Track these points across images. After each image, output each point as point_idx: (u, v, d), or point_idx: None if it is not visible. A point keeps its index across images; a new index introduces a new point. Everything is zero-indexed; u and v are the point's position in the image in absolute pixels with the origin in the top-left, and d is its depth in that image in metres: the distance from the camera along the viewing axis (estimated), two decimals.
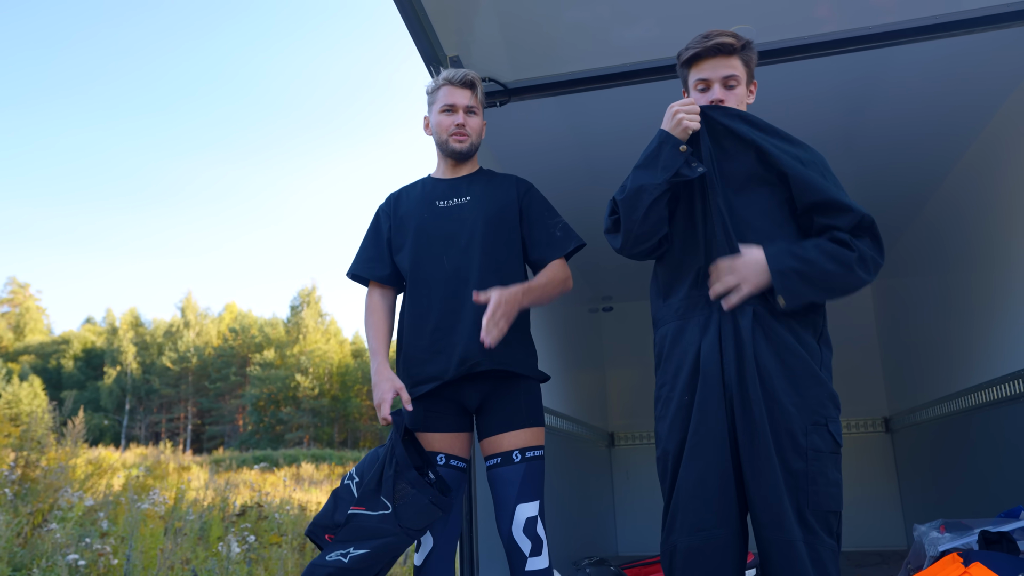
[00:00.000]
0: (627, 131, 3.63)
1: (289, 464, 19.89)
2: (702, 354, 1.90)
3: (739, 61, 2.00)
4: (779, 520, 1.76)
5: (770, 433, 1.80)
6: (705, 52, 1.98)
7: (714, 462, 1.84)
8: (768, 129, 1.99)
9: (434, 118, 2.38)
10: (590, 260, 5.40)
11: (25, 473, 5.48)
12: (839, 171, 3.97)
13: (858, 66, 3.09)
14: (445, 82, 2.35)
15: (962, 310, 4.17)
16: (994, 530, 2.88)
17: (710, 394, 1.87)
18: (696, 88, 2.02)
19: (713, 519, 1.82)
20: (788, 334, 1.88)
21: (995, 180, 3.57)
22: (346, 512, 2.01)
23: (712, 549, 1.82)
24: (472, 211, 2.28)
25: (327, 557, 1.98)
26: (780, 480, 1.78)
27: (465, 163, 2.40)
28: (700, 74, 2.01)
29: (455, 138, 2.33)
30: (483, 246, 2.24)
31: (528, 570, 2.08)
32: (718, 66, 1.99)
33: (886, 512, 5.75)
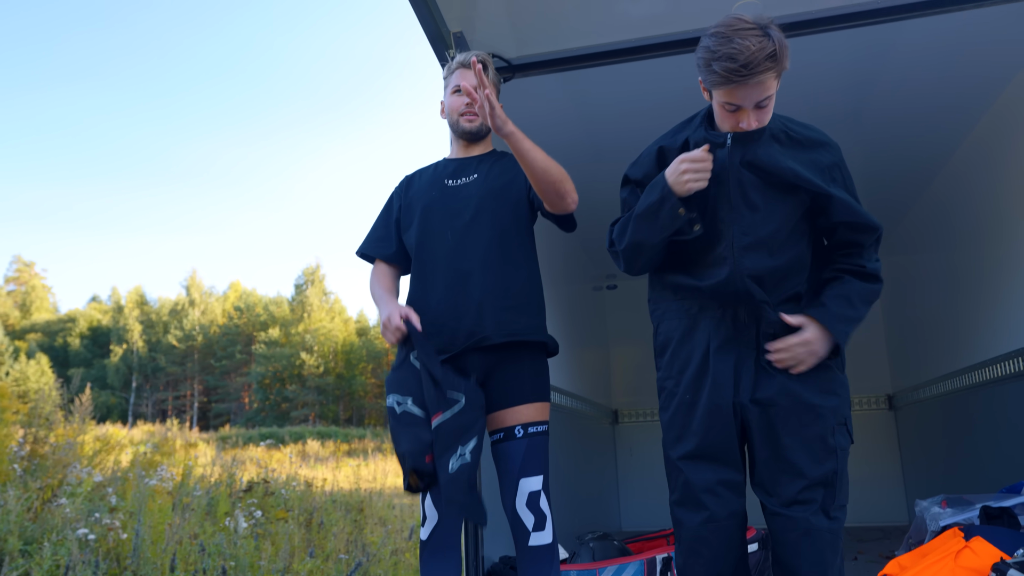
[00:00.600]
0: (632, 107, 3.61)
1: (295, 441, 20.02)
2: (713, 356, 1.91)
3: (774, 79, 1.72)
4: (807, 518, 1.83)
5: (800, 439, 1.85)
6: (741, 84, 1.71)
7: (724, 461, 1.91)
8: (792, 139, 1.89)
9: (447, 100, 2.40)
10: (594, 239, 5.39)
11: (34, 449, 5.53)
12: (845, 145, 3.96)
13: (867, 39, 3.06)
14: (459, 65, 2.37)
15: (967, 287, 4.16)
16: (995, 505, 2.90)
17: (721, 399, 1.89)
18: (725, 108, 1.79)
19: (721, 512, 1.90)
20: None
21: (1004, 156, 3.54)
22: (426, 429, 2.01)
23: (721, 538, 1.90)
24: (478, 187, 2.28)
25: (451, 468, 1.98)
26: (811, 481, 1.84)
27: (477, 144, 2.40)
28: (730, 99, 1.74)
29: (465, 118, 2.34)
30: (487, 219, 2.23)
31: (531, 545, 2.09)
32: (752, 93, 1.71)
33: (888, 488, 5.79)
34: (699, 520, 1.91)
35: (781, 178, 1.84)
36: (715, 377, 1.89)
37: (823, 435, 1.86)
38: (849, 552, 4.16)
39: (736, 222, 1.87)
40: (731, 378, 1.89)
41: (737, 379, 1.89)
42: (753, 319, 1.89)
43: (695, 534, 1.92)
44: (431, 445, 2.00)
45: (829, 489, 1.85)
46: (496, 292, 2.18)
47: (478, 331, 2.15)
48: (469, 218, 2.24)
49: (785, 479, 1.85)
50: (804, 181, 1.84)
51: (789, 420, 1.85)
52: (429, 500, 2.16)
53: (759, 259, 1.87)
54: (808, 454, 1.85)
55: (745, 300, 1.88)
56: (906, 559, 2.70)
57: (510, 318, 2.16)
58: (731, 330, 1.90)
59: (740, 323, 1.90)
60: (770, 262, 1.87)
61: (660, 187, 1.83)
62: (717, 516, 1.89)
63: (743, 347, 1.90)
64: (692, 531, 1.93)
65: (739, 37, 1.66)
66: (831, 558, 1.84)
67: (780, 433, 1.85)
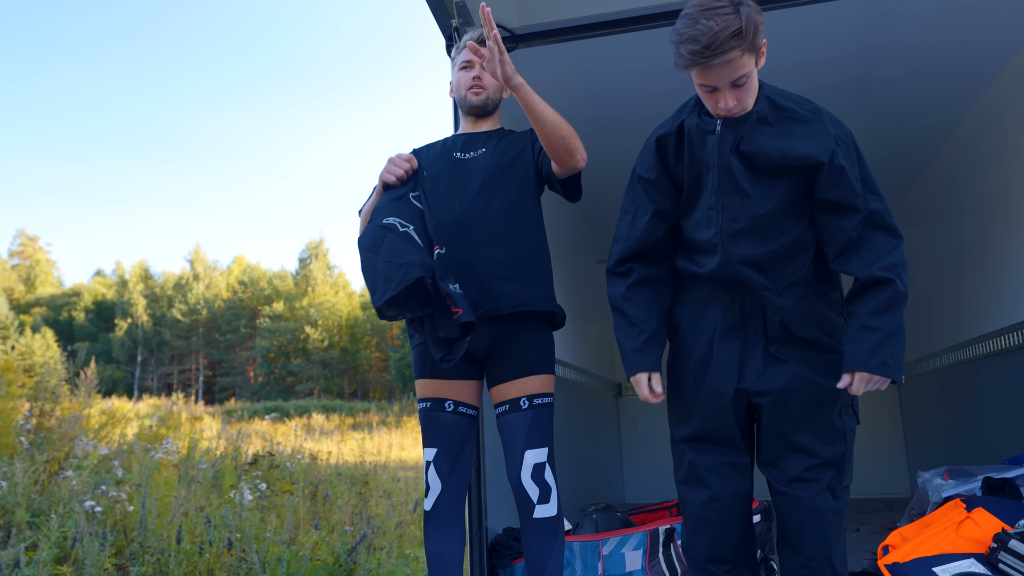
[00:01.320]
0: (637, 78, 3.56)
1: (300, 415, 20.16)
2: (717, 343, 1.91)
3: (746, 56, 1.68)
4: (813, 497, 1.85)
5: (810, 423, 1.86)
6: (708, 66, 1.68)
7: (730, 444, 1.93)
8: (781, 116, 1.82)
9: (455, 77, 2.40)
10: (598, 212, 5.36)
11: (40, 422, 5.57)
12: (851, 113, 3.92)
13: (873, 7, 3.01)
14: (467, 43, 2.36)
15: (971, 259, 4.14)
16: (997, 476, 2.91)
17: (722, 385, 1.90)
18: (702, 89, 1.76)
19: (726, 492, 1.93)
20: (822, 324, 1.89)
21: (1012, 126, 3.50)
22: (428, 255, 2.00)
23: (725, 517, 1.93)
24: (486, 160, 2.27)
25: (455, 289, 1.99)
26: (820, 460, 1.86)
27: (485, 120, 2.39)
28: (704, 80, 1.72)
29: (472, 91, 2.34)
30: (495, 191, 2.22)
31: (536, 517, 2.10)
32: (723, 73, 1.68)
33: (891, 460, 5.82)
34: (702, 499, 1.93)
35: (770, 164, 1.81)
36: (717, 364, 1.90)
37: (831, 417, 1.86)
38: (851, 523, 4.18)
39: (726, 209, 1.84)
40: (735, 365, 1.89)
41: (742, 366, 1.89)
42: (758, 307, 1.88)
43: (698, 513, 1.95)
44: (432, 270, 1.96)
45: (837, 469, 1.86)
46: (503, 263, 2.17)
47: (485, 301, 2.14)
48: (476, 189, 2.22)
49: (793, 458, 1.86)
50: (792, 159, 1.79)
51: (800, 404, 1.85)
52: (433, 470, 2.17)
53: (750, 245, 1.84)
54: (818, 436, 1.86)
55: (743, 287, 1.87)
56: (908, 530, 2.71)
57: (517, 289, 2.16)
58: (738, 318, 1.90)
59: (747, 311, 1.90)
60: (763, 248, 1.84)
61: (627, 370, 2.01)
62: (720, 495, 1.92)
63: (749, 334, 1.89)
64: (695, 509, 1.95)
65: (705, 18, 1.63)
66: (835, 538, 1.86)
67: (790, 416, 1.86)
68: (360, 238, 2.08)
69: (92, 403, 6.37)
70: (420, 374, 2.24)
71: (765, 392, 1.86)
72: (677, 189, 1.97)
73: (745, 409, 1.92)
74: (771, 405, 1.86)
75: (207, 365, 45.97)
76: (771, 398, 1.86)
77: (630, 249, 2.01)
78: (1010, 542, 2.29)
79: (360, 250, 2.05)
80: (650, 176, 1.97)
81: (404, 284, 1.91)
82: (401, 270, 1.92)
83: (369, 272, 2.00)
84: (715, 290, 1.93)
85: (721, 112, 1.78)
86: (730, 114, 1.78)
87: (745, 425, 1.94)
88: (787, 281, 1.88)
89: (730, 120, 1.80)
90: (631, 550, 2.99)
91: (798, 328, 1.87)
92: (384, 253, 1.97)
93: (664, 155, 1.95)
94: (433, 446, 2.18)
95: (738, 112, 1.78)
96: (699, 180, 1.89)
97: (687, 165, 1.91)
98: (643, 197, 1.99)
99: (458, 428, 2.20)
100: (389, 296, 1.91)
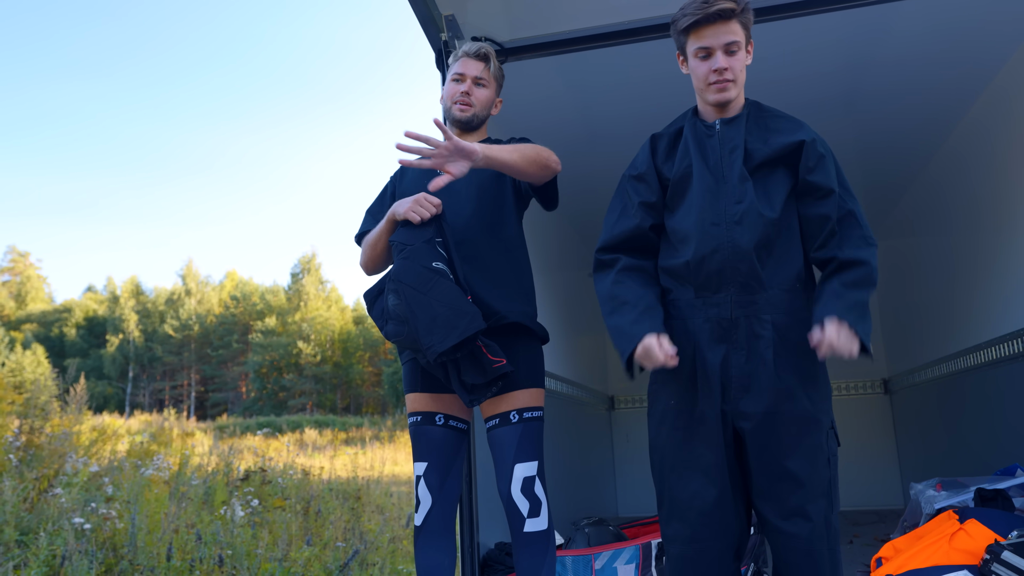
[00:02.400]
0: (626, 90, 3.58)
1: (292, 430, 20.05)
2: (701, 362, 1.86)
3: (739, 25, 1.90)
4: (810, 538, 1.78)
5: (800, 448, 1.80)
6: (705, 19, 1.88)
7: (712, 475, 1.84)
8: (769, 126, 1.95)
9: (446, 86, 2.41)
10: (588, 224, 5.38)
11: (30, 439, 5.52)
12: (840, 129, 3.95)
13: (861, 20, 3.04)
14: (462, 55, 2.38)
15: (962, 270, 4.16)
16: (990, 487, 2.91)
17: (709, 405, 1.84)
18: (697, 56, 1.92)
19: (708, 532, 1.83)
20: (804, 339, 1.84)
21: (998, 138, 3.53)
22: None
23: (707, 560, 1.84)
24: (468, 178, 2.26)
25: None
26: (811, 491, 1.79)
27: (471, 133, 2.39)
28: (701, 42, 1.90)
29: (458, 106, 2.34)
30: (477, 208, 2.24)
31: (526, 531, 2.09)
32: (719, 33, 1.88)
33: (884, 472, 5.81)
34: (684, 537, 1.85)
35: (763, 156, 1.88)
36: (702, 383, 1.85)
37: (820, 442, 1.81)
38: (845, 536, 4.17)
39: (724, 198, 1.88)
40: (718, 381, 1.83)
41: (725, 383, 1.83)
42: (748, 309, 1.84)
43: (680, 553, 1.86)
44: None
45: (827, 500, 1.80)
46: (489, 278, 2.18)
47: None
48: (460, 206, 2.24)
49: (785, 488, 1.79)
50: (780, 148, 1.88)
51: (789, 429, 1.79)
52: (423, 485, 2.16)
53: (750, 235, 1.85)
54: (809, 462, 1.79)
55: (733, 283, 1.85)
56: (901, 542, 2.71)
57: (504, 303, 2.16)
58: (723, 325, 1.85)
59: (734, 315, 1.85)
60: (762, 237, 1.86)
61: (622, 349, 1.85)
62: (702, 536, 1.83)
63: (732, 347, 1.84)
64: (678, 549, 1.86)
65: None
66: (832, 572, 1.81)
67: (778, 442, 1.79)
68: (399, 273, 2.08)
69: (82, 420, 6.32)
70: (410, 388, 2.24)
71: (751, 414, 1.80)
72: (663, 187, 2.00)
73: (733, 436, 1.85)
74: (757, 428, 1.80)
75: (199, 381, 45.71)
76: (757, 420, 1.80)
77: (616, 237, 2.00)
78: (1003, 553, 2.29)
79: (400, 285, 2.06)
80: (639, 172, 2.02)
81: (468, 333, 1.97)
82: (465, 319, 1.99)
83: (420, 311, 2.01)
84: (695, 306, 1.89)
85: (713, 78, 1.90)
86: (721, 81, 1.90)
87: (734, 454, 1.86)
88: (780, 277, 1.87)
89: (726, 120, 1.94)
90: (624, 564, 2.97)
91: (790, 330, 1.84)
92: (440, 296, 2.02)
93: (655, 152, 2.02)
94: (423, 460, 2.18)
95: (728, 83, 1.91)
96: (688, 175, 1.94)
97: (678, 161, 1.96)
98: (631, 192, 2.02)
99: (448, 442, 2.19)
100: (453, 343, 1.96)
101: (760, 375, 1.81)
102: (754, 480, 1.84)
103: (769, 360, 1.81)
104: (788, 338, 1.83)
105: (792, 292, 1.87)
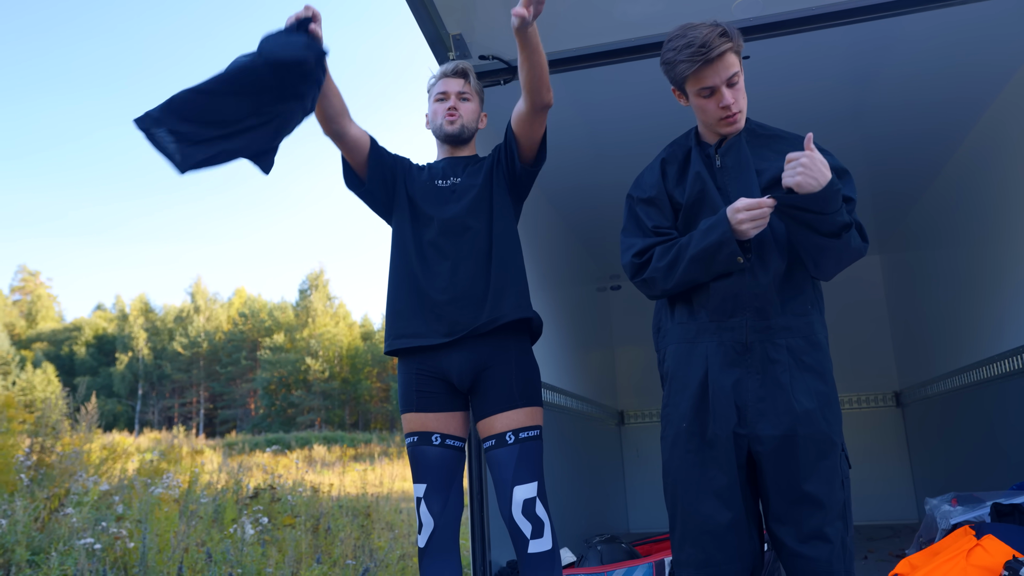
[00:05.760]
0: (633, 107, 3.60)
1: (301, 447, 20.01)
2: (713, 385, 1.85)
3: (734, 56, 1.87)
4: (829, 563, 1.77)
5: (817, 470, 1.79)
6: (706, 64, 1.84)
7: (726, 498, 1.82)
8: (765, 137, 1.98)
9: (430, 108, 2.43)
10: (596, 240, 5.38)
11: (41, 459, 5.54)
12: (848, 143, 3.94)
13: (868, 34, 3.04)
14: (441, 75, 2.40)
15: (973, 282, 4.14)
16: (1006, 502, 2.88)
17: (721, 428, 1.83)
18: (700, 96, 1.90)
19: (722, 556, 1.82)
20: (818, 361, 1.85)
21: (1008, 150, 3.52)
22: None
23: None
24: (463, 185, 2.30)
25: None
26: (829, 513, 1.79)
27: (462, 147, 2.40)
28: (703, 83, 1.87)
29: (447, 119, 2.35)
30: (468, 212, 2.25)
31: (531, 552, 2.07)
32: (718, 70, 1.85)
33: (897, 486, 5.76)
34: (697, 561, 1.83)
35: (774, 177, 1.87)
36: (714, 406, 1.84)
37: (835, 464, 1.81)
38: (859, 551, 4.13)
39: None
40: (731, 404, 1.83)
41: (740, 406, 1.83)
42: (757, 337, 1.84)
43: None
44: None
45: (843, 521, 1.80)
46: (482, 282, 2.19)
47: (468, 321, 2.16)
48: (453, 214, 2.25)
49: (804, 512, 1.77)
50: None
51: (807, 452, 1.78)
52: (424, 507, 2.15)
53: (770, 258, 1.86)
54: (826, 484, 1.79)
55: (746, 307, 1.85)
56: (917, 558, 2.67)
57: (496, 304, 2.17)
58: (732, 354, 1.85)
59: (748, 339, 1.84)
60: (781, 264, 1.87)
61: (720, 231, 1.81)
62: (715, 560, 1.81)
63: (746, 371, 1.83)
64: (691, 574, 1.84)
65: (691, 29, 1.87)
66: None
67: (796, 466, 1.78)
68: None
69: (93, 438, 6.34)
70: (405, 408, 2.24)
71: (768, 438, 1.79)
72: (674, 211, 2.00)
73: (747, 459, 1.84)
74: (775, 452, 1.79)
75: (208, 398, 45.75)
76: (774, 444, 1.79)
77: (644, 244, 1.98)
78: (1021, 570, 2.26)
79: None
80: (650, 196, 2.01)
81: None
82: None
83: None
84: (704, 326, 1.89)
85: (722, 114, 1.89)
86: (730, 116, 1.89)
87: (747, 477, 1.85)
88: (794, 300, 1.87)
89: (730, 141, 1.94)
90: None
91: (804, 354, 1.84)
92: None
93: (665, 177, 2.02)
94: (422, 481, 2.17)
95: (737, 114, 1.90)
96: (702, 199, 1.93)
97: (689, 185, 1.95)
98: (643, 217, 2.01)
99: (446, 462, 2.18)
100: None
101: (777, 399, 1.81)
102: (771, 504, 1.82)
103: (786, 384, 1.81)
104: (803, 361, 1.84)
105: (805, 315, 1.88)
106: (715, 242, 1.81)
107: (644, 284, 1.99)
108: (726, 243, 1.79)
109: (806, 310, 1.88)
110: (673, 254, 1.90)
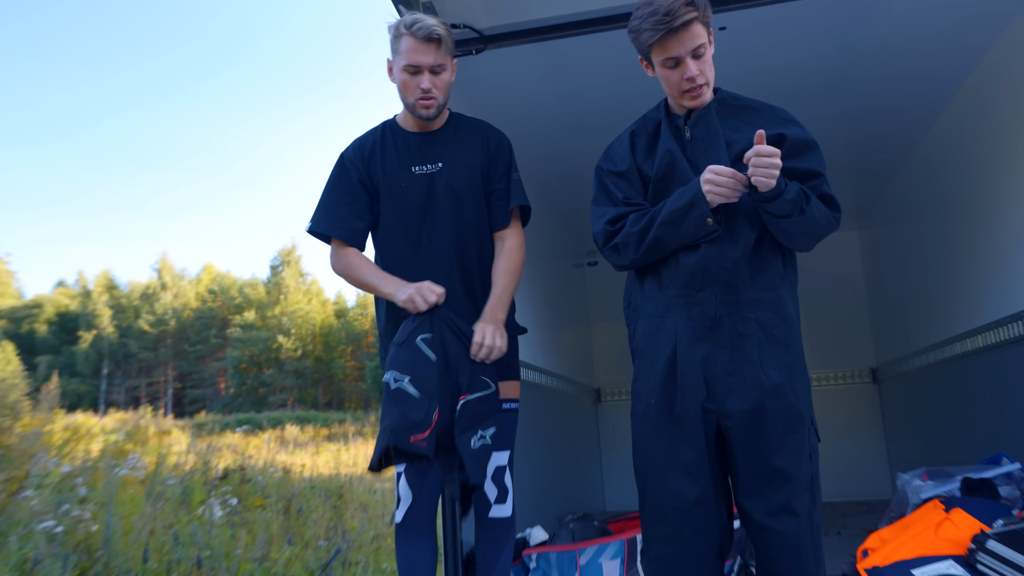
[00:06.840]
0: (612, 78, 3.53)
1: (273, 427, 19.88)
2: (681, 360, 1.84)
3: (701, 26, 1.84)
4: (796, 535, 1.77)
5: (786, 444, 1.79)
6: (669, 32, 1.82)
7: (694, 473, 1.82)
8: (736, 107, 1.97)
9: (398, 75, 2.22)
10: (573, 216, 5.32)
11: None
12: (827, 116, 3.91)
13: (846, 4, 3.00)
14: (408, 33, 2.16)
15: (949, 258, 4.16)
16: (975, 477, 2.91)
17: (689, 404, 1.82)
18: (665, 66, 1.88)
19: (690, 531, 1.82)
20: (787, 335, 1.84)
21: (984, 124, 3.52)
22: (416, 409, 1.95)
23: (690, 559, 1.82)
24: (443, 180, 2.24)
25: (473, 445, 1.99)
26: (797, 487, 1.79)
27: (436, 120, 2.30)
28: (667, 53, 1.85)
29: (421, 103, 2.19)
30: (453, 209, 2.23)
31: (491, 516, 2.17)
32: (683, 40, 1.83)
33: (873, 462, 5.83)
34: (664, 536, 1.84)
35: (743, 146, 1.84)
36: (683, 381, 1.83)
37: (804, 438, 1.82)
38: (833, 527, 4.18)
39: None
40: (701, 382, 1.82)
41: (710, 382, 1.82)
42: (729, 305, 1.83)
43: (662, 553, 1.85)
44: (417, 425, 1.95)
45: (810, 495, 1.80)
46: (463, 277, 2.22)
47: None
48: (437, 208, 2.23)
49: (772, 485, 1.78)
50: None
51: (775, 426, 1.78)
52: (404, 481, 2.15)
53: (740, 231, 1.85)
54: (794, 458, 1.79)
55: (715, 280, 1.84)
56: (887, 532, 2.70)
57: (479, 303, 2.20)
58: (700, 328, 1.84)
59: (717, 313, 1.83)
60: (751, 237, 1.85)
61: (691, 193, 1.81)
62: (683, 535, 1.82)
63: (715, 346, 1.82)
64: (660, 549, 1.85)
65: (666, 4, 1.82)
66: (816, 569, 1.80)
67: (765, 440, 1.78)
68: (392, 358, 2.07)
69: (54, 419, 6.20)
70: None
71: (737, 412, 1.79)
72: (643, 184, 1.99)
73: (716, 434, 1.83)
74: (744, 426, 1.79)
75: (176, 377, 45.20)
76: (743, 419, 1.78)
77: (615, 211, 1.97)
78: (988, 543, 2.29)
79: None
80: (620, 169, 2.00)
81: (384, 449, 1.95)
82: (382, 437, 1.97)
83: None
84: (673, 304, 1.88)
85: (686, 86, 1.88)
86: (695, 88, 1.88)
87: (715, 452, 1.85)
88: (764, 274, 1.86)
89: (699, 114, 1.92)
90: (609, 559, 2.94)
91: (774, 327, 1.83)
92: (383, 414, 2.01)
93: (635, 149, 2.00)
94: None
95: (703, 86, 1.89)
96: (672, 172, 1.92)
97: (658, 158, 1.94)
98: (612, 188, 2.00)
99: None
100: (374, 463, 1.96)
101: (745, 373, 1.80)
102: (739, 478, 1.83)
103: (755, 358, 1.80)
104: (772, 335, 1.83)
105: (774, 289, 1.87)
106: (687, 203, 1.82)
107: (614, 251, 1.96)
108: (697, 203, 1.80)
109: (775, 283, 1.87)
110: (647, 220, 1.89)
